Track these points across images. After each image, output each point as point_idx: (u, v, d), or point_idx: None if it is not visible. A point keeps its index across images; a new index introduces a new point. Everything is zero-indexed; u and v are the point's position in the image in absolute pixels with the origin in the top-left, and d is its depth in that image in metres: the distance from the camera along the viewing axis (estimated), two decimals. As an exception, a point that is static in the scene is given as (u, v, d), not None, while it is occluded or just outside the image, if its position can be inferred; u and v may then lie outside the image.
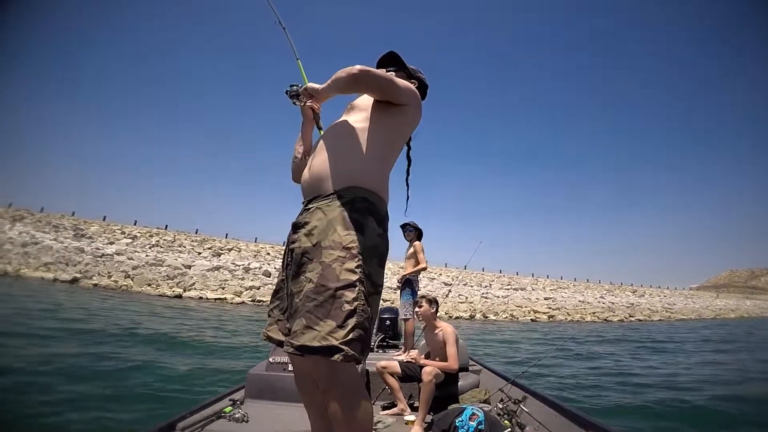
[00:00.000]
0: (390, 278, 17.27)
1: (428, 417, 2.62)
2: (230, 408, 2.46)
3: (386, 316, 4.92)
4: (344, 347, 1.06)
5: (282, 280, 1.35)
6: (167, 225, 31.73)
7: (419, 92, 1.49)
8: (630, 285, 52.18)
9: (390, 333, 4.87)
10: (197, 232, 31.60)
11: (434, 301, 3.16)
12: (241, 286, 19.17)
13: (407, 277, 4.31)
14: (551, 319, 23.37)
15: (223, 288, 18.74)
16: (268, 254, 27.39)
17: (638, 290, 46.93)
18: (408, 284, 4.30)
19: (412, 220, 4.48)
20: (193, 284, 18.63)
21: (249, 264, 22.81)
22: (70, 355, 5.03)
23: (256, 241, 33.00)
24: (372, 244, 1.21)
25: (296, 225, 1.29)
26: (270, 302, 1.38)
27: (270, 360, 2.96)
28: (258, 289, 19.03)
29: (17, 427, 2.95)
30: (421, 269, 4.33)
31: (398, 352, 4.20)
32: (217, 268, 20.88)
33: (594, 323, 23.19)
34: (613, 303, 32.77)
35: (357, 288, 1.12)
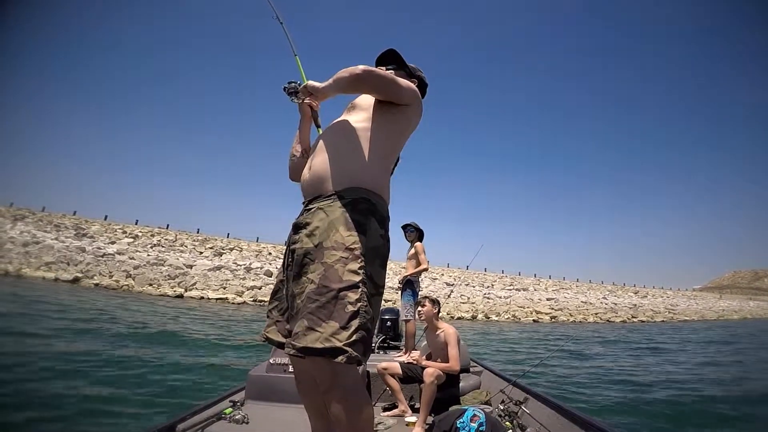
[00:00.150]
0: (391, 278, 17.26)
1: (429, 418, 2.61)
2: (230, 409, 2.46)
3: (387, 317, 4.91)
4: (348, 349, 1.05)
5: (281, 281, 1.34)
6: (169, 224, 31.89)
7: (419, 91, 1.47)
8: (633, 286, 52.05)
9: (391, 334, 4.86)
10: (199, 232, 31.72)
11: (437, 302, 3.15)
12: (243, 286, 19.19)
13: (408, 278, 4.30)
14: (553, 320, 23.31)
15: (225, 288, 18.76)
16: (270, 254, 27.43)
17: (641, 291, 46.79)
18: (409, 285, 4.28)
19: (413, 221, 4.46)
20: (195, 284, 18.66)
21: (250, 264, 22.86)
22: (71, 355, 5.04)
23: (258, 241, 33.09)
24: (374, 245, 1.21)
25: (297, 225, 1.28)
26: (269, 303, 1.37)
27: (270, 361, 2.95)
28: (260, 289, 19.05)
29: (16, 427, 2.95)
30: (422, 270, 4.31)
31: (399, 353, 4.19)
32: (219, 268, 20.92)
33: (596, 324, 23.12)
34: (616, 304, 32.66)
35: (360, 289, 1.11)
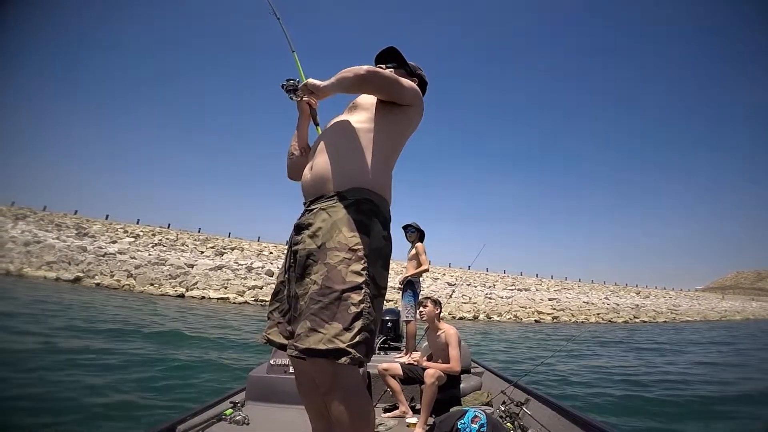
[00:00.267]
0: (393, 278, 17.21)
1: (430, 419, 2.61)
2: (231, 410, 2.45)
3: (388, 318, 4.89)
4: (351, 350, 1.05)
5: (282, 282, 1.33)
6: (170, 224, 32.03)
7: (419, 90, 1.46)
8: (635, 286, 51.96)
9: (391, 335, 4.84)
10: (200, 231, 31.80)
11: (438, 303, 3.15)
12: (244, 286, 19.19)
13: (409, 279, 4.29)
14: (555, 320, 23.25)
15: (226, 287, 18.76)
16: (271, 253, 27.47)
17: (643, 291, 46.67)
18: (410, 286, 4.27)
19: (414, 221, 4.45)
20: (196, 284, 18.67)
21: (252, 263, 22.87)
22: (71, 355, 5.04)
23: (259, 240, 33.16)
24: (377, 246, 1.20)
25: (299, 226, 1.27)
26: (269, 304, 1.36)
27: (271, 362, 2.95)
28: (261, 289, 19.04)
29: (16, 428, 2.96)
30: (423, 271, 4.30)
31: (400, 354, 4.18)
32: (220, 268, 20.94)
33: (598, 324, 23.06)
34: (618, 304, 32.57)
35: (363, 290, 1.11)
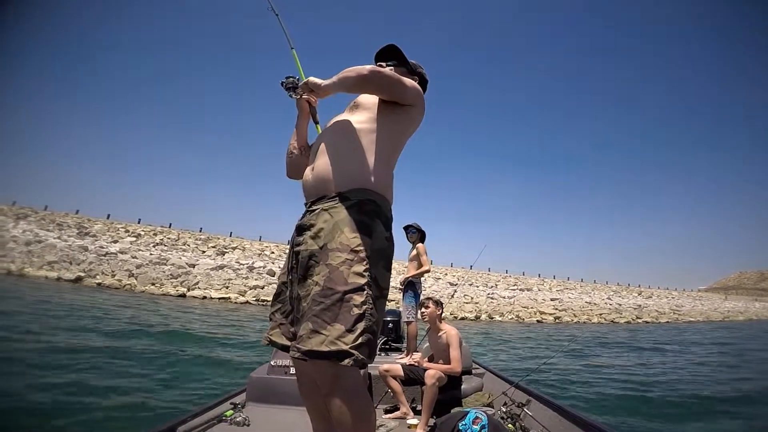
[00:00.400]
0: (395, 278, 17.17)
1: (431, 420, 2.61)
2: (231, 411, 2.45)
3: (389, 319, 4.88)
4: (354, 352, 1.04)
5: (284, 283, 1.33)
6: (171, 223, 32.14)
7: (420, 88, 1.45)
8: (637, 286, 51.80)
9: (392, 336, 4.83)
10: (201, 231, 31.87)
11: (440, 303, 3.14)
12: (246, 286, 19.22)
13: (410, 280, 4.28)
14: (557, 321, 23.20)
15: (227, 287, 18.79)
16: (273, 253, 27.51)
17: (645, 291, 46.53)
18: (410, 286, 4.26)
19: (416, 222, 4.44)
20: (197, 283, 18.71)
21: (253, 263, 22.90)
22: (70, 355, 5.05)
23: (261, 240, 33.21)
24: (379, 247, 1.20)
25: (301, 227, 1.26)
26: (271, 305, 1.36)
27: (272, 363, 2.95)
28: (262, 289, 19.07)
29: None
30: (424, 272, 4.29)
31: (401, 355, 4.17)
32: (222, 267, 20.97)
33: (601, 325, 23.00)
34: (620, 304, 32.47)
35: (365, 292, 1.10)
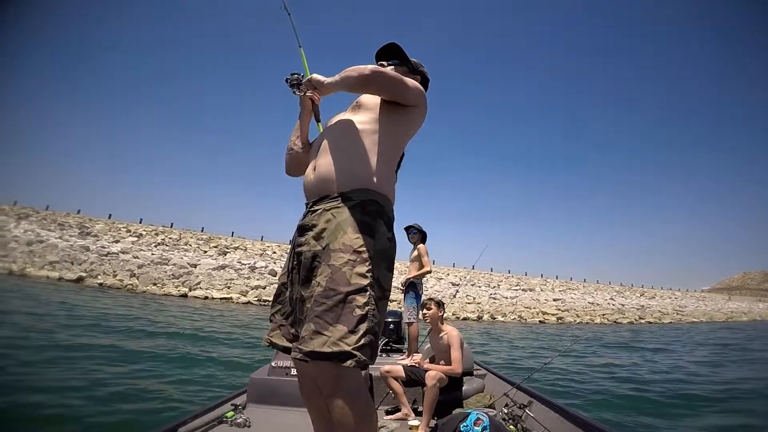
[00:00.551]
0: (397, 278, 17.20)
1: (432, 422, 2.60)
2: (232, 413, 2.44)
3: (390, 320, 4.88)
4: (356, 353, 1.04)
5: (284, 284, 1.32)
6: (173, 223, 32.09)
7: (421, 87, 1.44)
8: (640, 286, 51.57)
9: (394, 337, 4.83)
10: (203, 231, 31.88)
11: (441, 304, 3.13)
12: (247, 286, 19.25)
13: (411, 281, 4.27)
14: (560, 321, 23.13)
15: (229, 287, 18.82)
16: (274, 253, 27.51)
17: (649, 292, 46.33)
18: (412, 288, 4.26)
19: (417, 223, 4.44)
20: (199, 283, 18.74)
21: (255, 263, 22.89)
22: (70, 355, 5.06)
23: (263, 240, 33.23)
24: (382, 248, 1.19)
25: (303, 228, 1.25)
26: (271, 307, 1.35)
27: (273, 364, 2.94)
28: (264, 289, 19.08)
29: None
30: (426, 272, 4.29)
31: (402, 356, 4.16)
32: (223, 267, 20.99)
33: (603, 325, 22.92)
34: (623, 305, 32.36)
35: (368, 293, 1.10)
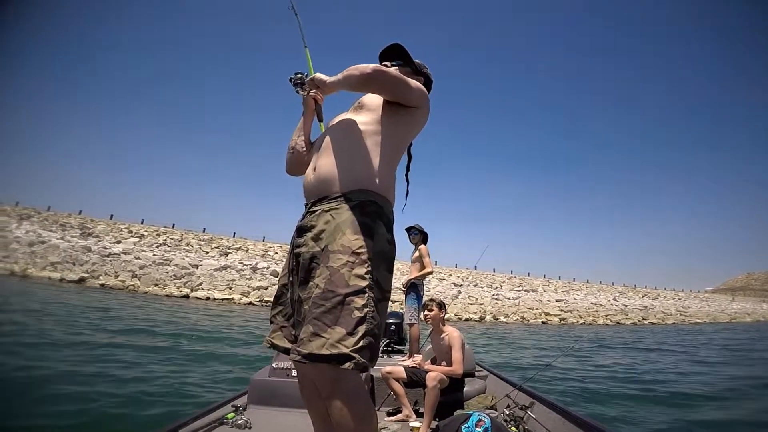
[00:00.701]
0: (398, 278, 17.23)
1: (434, 423, 2.60)
2: (233, 414, 2.44)
3: (391, 321, 4.87)
4: (355, 355, 1.03)
5: (284, 285, 1.32)
6: (174, 224, 32.04)
7: (425, 88, 1.43)
8: (644, 287, 51.35)
9: (395, 338, 4.83)
10: (204, 231, 31.90)
11: (443, 305, 3.12)
12: (249, 286, 19.28)
13: (412, 282, 4.27)
14: (563, 322, 23.05)
15: (231, 288, 18.85)
16: (276, 253, 27.53)
17: (652, 293, 46.16)
18: (413, 288, 4.25)
19: (418, 223, 4.43)
20: (201, 284, 18.78)
21: (257, 264, 22.92)
22: (69, 355, 5.07)
23: (264, 241, 33.23)
24: (381, 250, 1.18)
25: (301, 228, 1.25)
26: (272, 308, 1.35)
27: (273, 365, 2.94)
28: (266, 289, 19.11)
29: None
30: (427, 273, 4.28)
31: (403, 357, 4.16)
32: (225, 268, 21.02)
33: (606, 326, 22.83)
34: (626, 306, 32.25)
35: (367, 294, 1.09)
